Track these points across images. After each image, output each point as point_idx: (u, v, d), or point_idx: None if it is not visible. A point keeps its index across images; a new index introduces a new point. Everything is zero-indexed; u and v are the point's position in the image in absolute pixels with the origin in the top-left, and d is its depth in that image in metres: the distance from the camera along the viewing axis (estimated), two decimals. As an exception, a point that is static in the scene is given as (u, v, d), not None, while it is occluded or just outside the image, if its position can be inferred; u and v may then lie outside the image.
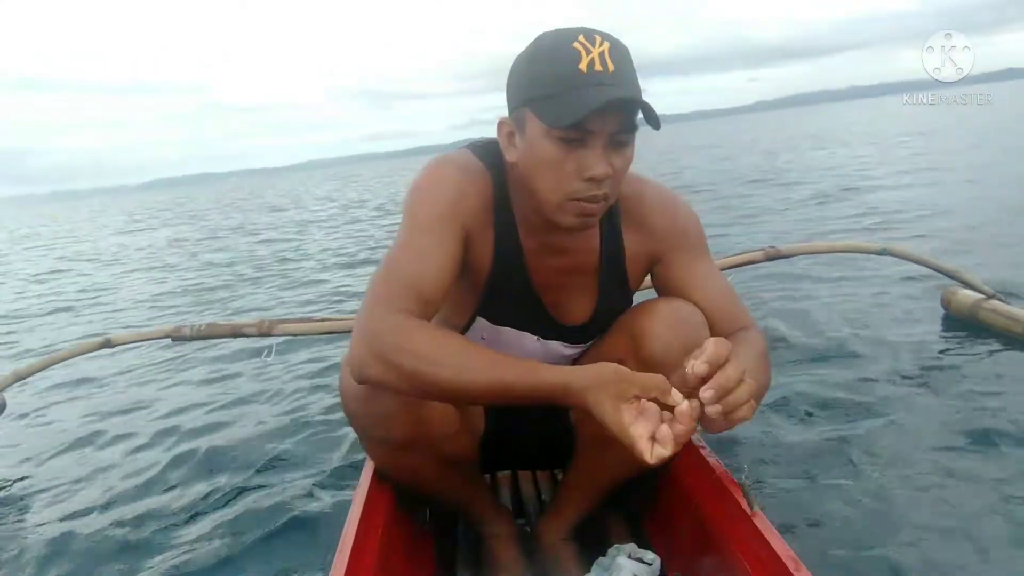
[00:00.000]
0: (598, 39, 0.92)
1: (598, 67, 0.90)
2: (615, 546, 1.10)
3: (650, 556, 1.07)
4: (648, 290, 1.20)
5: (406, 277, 0.96)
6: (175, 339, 2.34)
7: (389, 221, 10.02)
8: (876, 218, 5.35)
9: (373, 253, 6.78)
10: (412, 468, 1.12)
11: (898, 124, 20.69)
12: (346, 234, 8.98)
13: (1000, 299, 2.49)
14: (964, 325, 2.52)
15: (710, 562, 1.07)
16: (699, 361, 0.78)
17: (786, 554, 0.89)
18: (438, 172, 1.05)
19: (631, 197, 1.11)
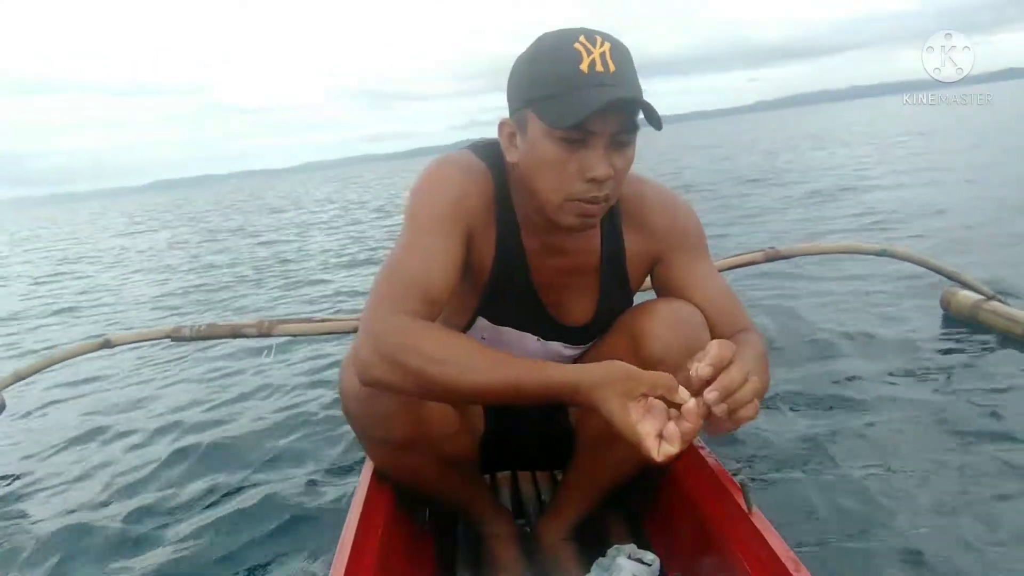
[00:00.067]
0: (599, 39, 0.92)
1: (599, 67, 0.90)
2: (615, 546, 1.10)
3: (649, 556, 1.08)
4: (648, 291, 1.20)
5: (410, 278, 0.96)
6: (175, 339, 2.34)
7: (390, 222, 10.02)
8: (875, 217, 5.35)
9: (374, 253, 6.78)
10: (412, 468, 1.12)
11: (898, 124, 20.69)
12: (346, 235, 8.99)
13: (1000, 300, 2.49)
14: (964, 326, 2.52)
15: (710, 562, 1.07)
16: (703, 364, 0.78)
17: (785, 554, 0.89)
18: (440, 172, 1.05)
19: (632, 198, 1.12)
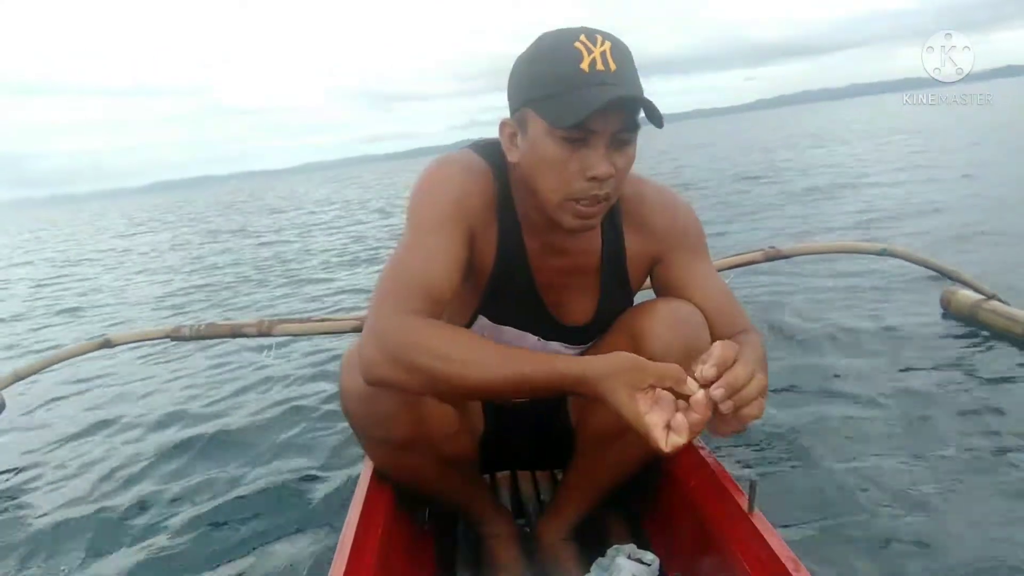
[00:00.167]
0: (599, 39, 0.92)
1: (600, 66, 0.90)
2: (615, 546, 1.10)
3: (649, 556, 1.07)
4: (648, 291, 1.20)
5: (414, 277, 0.96)
6: (175, 339, 2.34)
7: (390, 223, 10.03)
8: (874, 215, 5.36)
9: (375, 253, 6.78)
10: (412, 468, 1.12)
11: (897, 122, 20.69)
12: (347, 235, 9.00)
13: (1000, 300, 2.49)
14: (963, 325, 2.52)
15: (709, 562, 1.07)
16: (707, 365, 0.78)
17: (785, 554, 0.89)
18: (441, 172, 1.05)
19: (632, 197, 1.12)
